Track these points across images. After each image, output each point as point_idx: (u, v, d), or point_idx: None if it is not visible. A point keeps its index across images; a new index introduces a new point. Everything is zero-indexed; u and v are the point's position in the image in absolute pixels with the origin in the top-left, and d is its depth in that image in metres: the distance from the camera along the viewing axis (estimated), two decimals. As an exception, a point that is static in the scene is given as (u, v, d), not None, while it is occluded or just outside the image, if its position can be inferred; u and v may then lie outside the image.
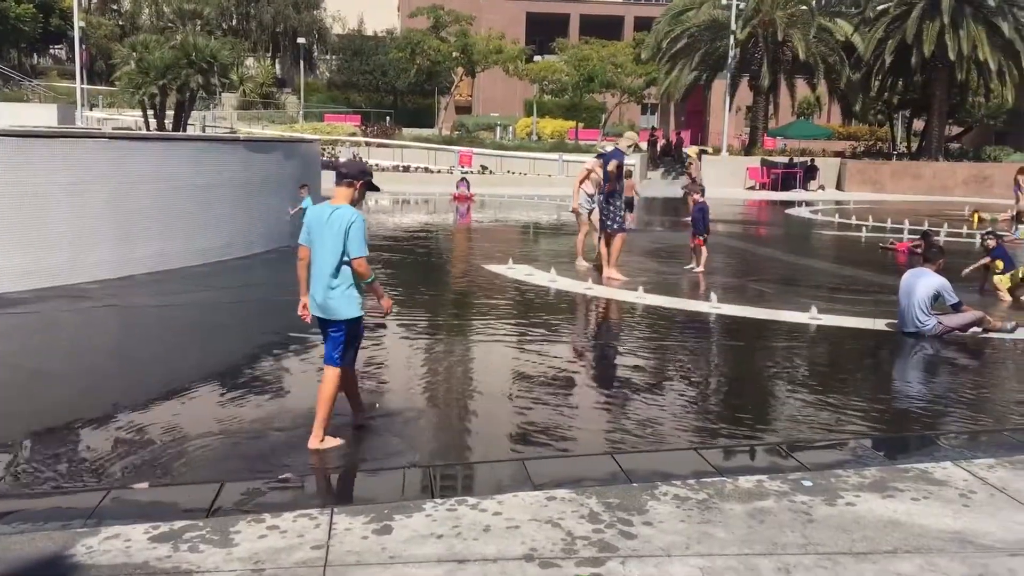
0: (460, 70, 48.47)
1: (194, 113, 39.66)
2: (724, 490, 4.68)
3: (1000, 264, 11.46)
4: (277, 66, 60.73)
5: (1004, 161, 39.53)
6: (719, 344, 8.97)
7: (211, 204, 12.77)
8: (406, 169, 35.89)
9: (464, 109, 60.48)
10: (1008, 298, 11.16)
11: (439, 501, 4.45)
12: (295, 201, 14.60)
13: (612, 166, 12.06)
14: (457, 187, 27.52)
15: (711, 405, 6.62)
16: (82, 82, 39.54)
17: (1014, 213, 20.52)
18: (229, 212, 13.20)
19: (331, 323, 5.29)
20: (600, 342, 9.06)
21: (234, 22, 58.00)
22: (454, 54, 46.46)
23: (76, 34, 38.20)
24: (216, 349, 8.27)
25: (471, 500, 4.47)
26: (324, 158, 31.53)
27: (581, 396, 6.67)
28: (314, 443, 5.26)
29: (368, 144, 39.24)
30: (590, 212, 13.07)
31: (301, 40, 53.27)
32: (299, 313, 5.43)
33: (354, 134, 41.19)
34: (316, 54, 60.54)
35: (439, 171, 35.56)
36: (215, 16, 55.72)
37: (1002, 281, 11.32)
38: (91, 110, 43.56)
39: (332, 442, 5.30)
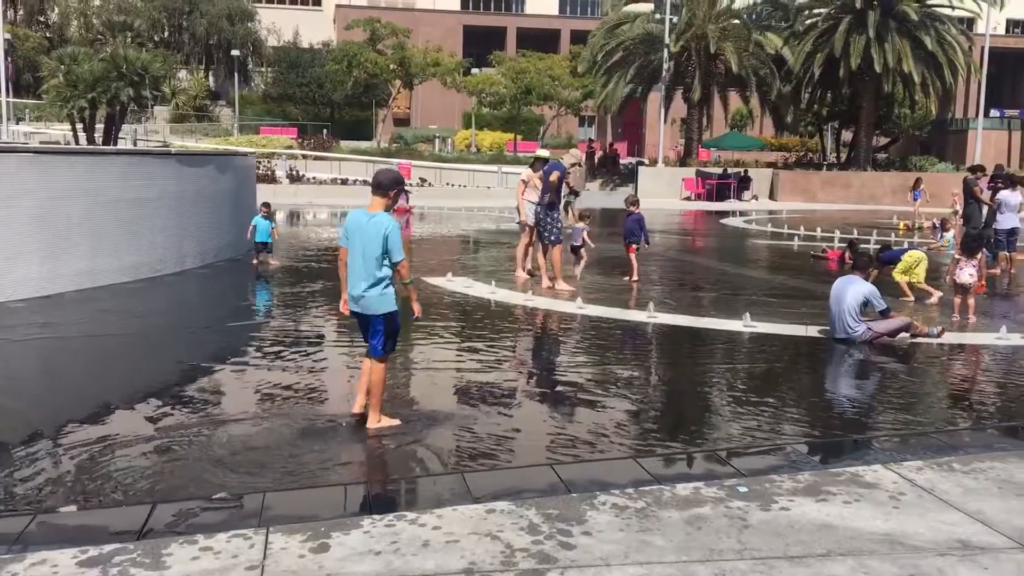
0: (398, 82, 48.38)
1: (125, 127, 38.89)
2: (662, 498, 4.71)
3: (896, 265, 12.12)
4: (211, 78, 59.83)
5: (929, 170, 40.76)
6: (656, 353, 9.06)
7: (142, 219, 12.51)
8: (344, 182, 35.65)
9: (402, 121, 60.36)
10: (909, 293, 11.76)
11: (377, 517, 4.40)
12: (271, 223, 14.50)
13: (554, 177, 12.12)
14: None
15: (649, 414, 6.68)
16: (7, 95, 38.45)
17: (939, 221, 21.14)
18: (161, 227, 12.94)
19: (370, 318, 5.82)
20: (539, 353, 9.08)
21: (166, 34, 57.01)
22: (391, 66, 46.38)
23: (0, 46, 37.15)
24: (143, 369, 8.08)
25: (410, 515, 4.43)
26: (260, 171, 31.16)
27: (521, 408, 6.67)
28: (372, 424, 5.89)
29: (305, 157, 38.91)
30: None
31: (235, 52, 52.59)
32: (341, 308, 5.99)
33: (291, 147, 40.78)
34: (251, 66, 59.79)
35: (377, 184, 35.32)
36: (146, 28, 54.73)
37: (899, 277, 11.92)
38: (17, 124, 42.41)
39: (388, 422, 5.93)
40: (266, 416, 6.24)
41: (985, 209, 16.12)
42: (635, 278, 13.05)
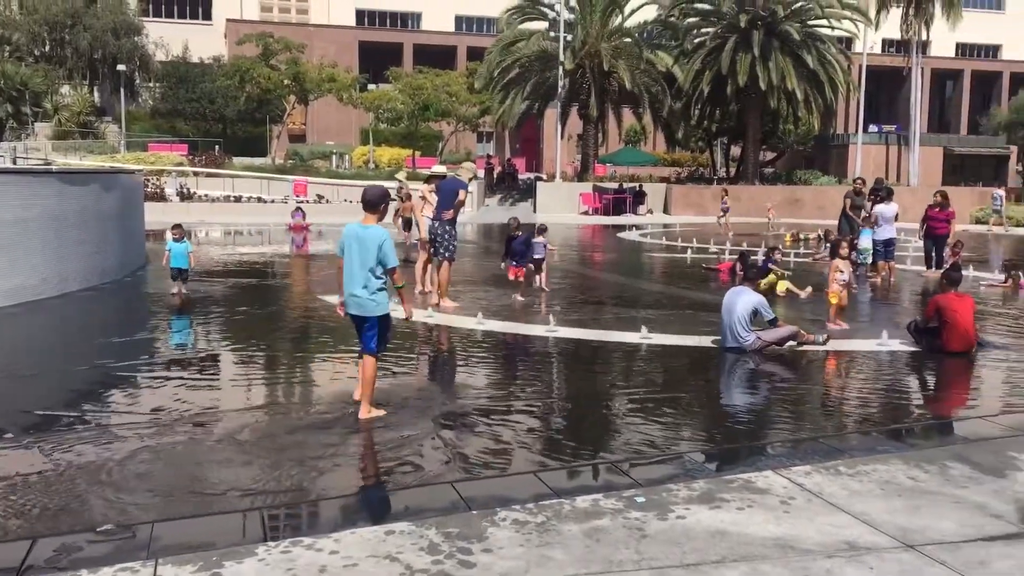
0: (292, 98, 47.62)
1: (4, 144, 37.13)
2: (562, 511, 4.74)
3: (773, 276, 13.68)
4: (96, 94, 57.61)
5: (813, 184, 42.47)
6: (556, 367, 9.13)
7: (21, 240, 11.95)
8: (238, 199, 34.84)
9: (298, 137, 59.41)
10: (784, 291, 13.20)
11: (272, 544, 4.29)
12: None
13: (462, 196, 12.08)
14: (292, 217, 26.98)
15: (550, 428, 6.71)
16: None
17: (823, 232, 22.01)
18: (41, 249, 12.38)
19: (365, 320, 6.56)
20: (438, 370, 9.04)
21: (47, 48, 54.58)
22: (285, 82, 45.64)
23: None
24: (23, 396, 7.70)
25: (307, 540, 4.33)
26: (148, 189, 30.19)
27: (421, 426, 6.62)
28: (364, 414, 6.51)
29: (196, 174, 37.88)
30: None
31: (122, 67, 50.79)
32: (336, 311, 6.77)
33: (181, 164, 39.63)
34: (139, 81, 57.79)
35: (273, 201, 34.72)
36: (26, 42, 52.36)
37: (779, 286, 13.52)
38: None
39: (377, 412, 6.60)
40: (157, 445, 6.01)
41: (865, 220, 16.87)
42: (519, 298, 13.04)
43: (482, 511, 4.74)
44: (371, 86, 52.87)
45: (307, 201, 33.83)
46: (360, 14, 68.00)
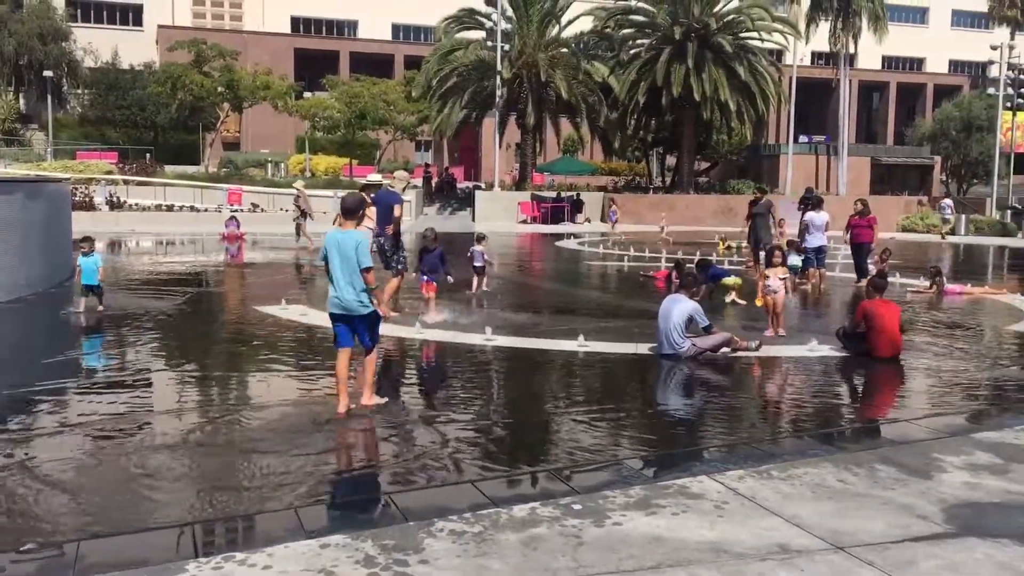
0: (226, 105, 46.93)
1: (-78, 151, 35.84)
2: (499, 521, 4.73)
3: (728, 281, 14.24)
4: (22, 101, 56.00)
5: (746, 193, 43.21)
6: (494, 376, 9.13)
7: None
8: (170, 208, 34.16)
9: (232, 145, 58.57)
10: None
11: (203, 560, 4.20)
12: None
13: (398, 211, 11.98)
14: (226, 226, 26.53)
15: (487, 437, 6.70)
16: None
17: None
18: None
19: (355, 318, 6.98)
20: (378, 380, 8.95)
21: (-31, 54, 52.97)
22: (219, 89, 44.97)
23: None
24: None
25: (239, 555, 4.25)
26: (77, 198, 29.43)
27: (356, 437, 6.56)
28: (366, 400, 7.11)
29: (127, 183, 37.03)
30: (371, 250, 12.90)
31: (48, 73, 49.45)
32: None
33: (110, 172, 38.72)
34: (66, 88, 56.31)
35: (206, 210, 34.13)
36: (-54, 48, 50.78)
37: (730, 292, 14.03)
38: None
39: (378, 400, 7.18)
40: (84, 462, 5.85)
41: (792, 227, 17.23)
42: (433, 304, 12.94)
43: (419, 522, 4.71)
44: (307, 94, 52.41)
45: (242, 210, 33.32)
46: (295, 21, 67.39)
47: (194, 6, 65.81)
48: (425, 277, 13.16)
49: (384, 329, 11.05)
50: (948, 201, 36.86)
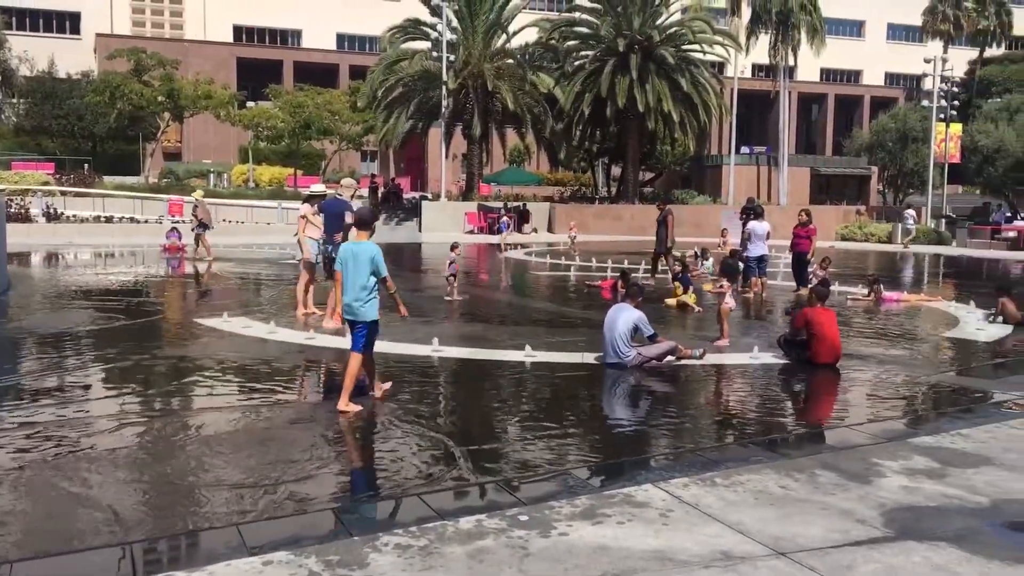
0: (167, 115, 46.22)
1: None
2: (445, 533, 4.71)
3: (679, 288, 14.92)
4: (-47, 110, 54.52)
5: (690, 203, 43.82)
6: (441, 387, 9.08)
7: None
8: (109, 220, 33.47)
9: (173, 155, 57.66)
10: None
11: (142, 580, 4.10)
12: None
13: (349, 218, 11.88)
14: (167, 237, 26.08)
15: (433, 449, 6.65)
16: None
17: (699, 249, 22.67)
18: None
19: (358, 324, 7.51)
20: (320, 392, 8.86)
21: (-102, 61, 51.37)
22: (159, 99, 44.29)
23: None
24: None
25: (179, 574, 4.16)
26: (12, 210, 28.69)
27: (300, 451, 6.46)
28: (342, 406, 7.40)
29: (64, 194, 36.23)
30: (317, 260, 12.78)
31: (-19, 81, 48.26)
32: (335, 319, 7.84)
33: (47, 183, 37.83)
34: (1, 97, 54.95)
35: (147, 221, 33.55)
36: None
37: (689, 298, 14.69)
38: None
39: (354, 407, 7.43)
40: (17, 482, 5.68)
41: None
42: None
43: (364, 536, 4.66)
44: (250, 103, 51.84)
45: (183, 221, 32.80)
46: (238, 30, 66.71)
47: (133, 14, 64.79)
48: None
49: (331, 341, 11.01)
50: (911, 211, 37.52)
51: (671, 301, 14.78)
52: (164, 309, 14.95)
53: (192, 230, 23.93)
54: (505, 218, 31.99)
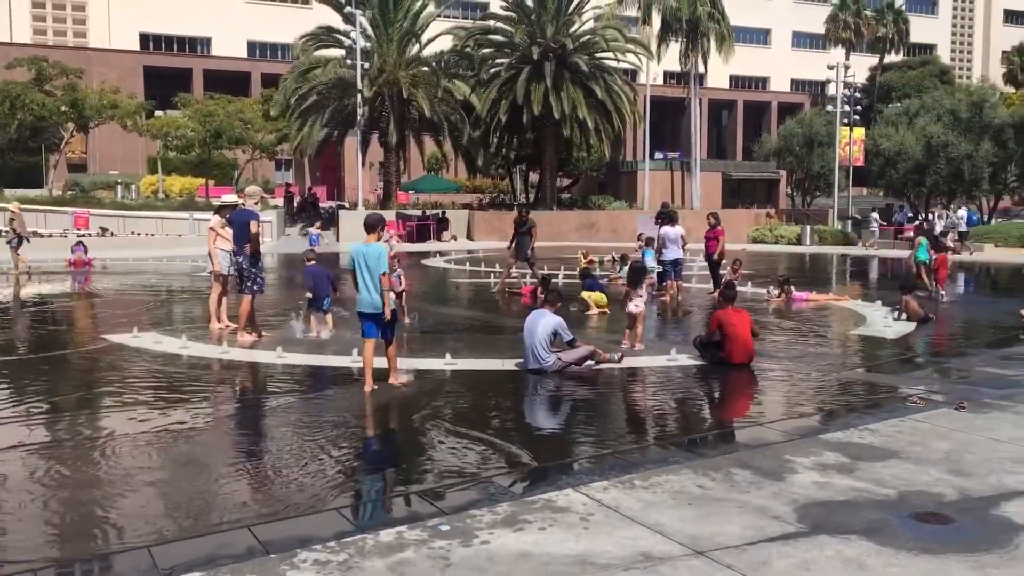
0: (71, 125, 44.69)
1: None
2: (365, 547, 4.64)
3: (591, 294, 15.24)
4: None
5: (607, 208, 44.37)
6: (360, 398, 8.95)
7: None
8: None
9: (79, 167, 55.86)
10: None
11: (46, 610, 3.93)
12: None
13: (255, 228, 11.67)
14: (73, 252, 25.18)
15: (353, 461, 6.56)
16: None
17: (618, 255, 22.96)
18: None
19: (378, 315, 8.57)
20: (232, 408, 8.66)
21: None
22: (62, 108, 42.80)
23: None
24: None
25: (86, 602, 4.00)
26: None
27: (214, 469, 6.29)
28: (394, 381, 8.86)
29: (-40, 208, 34.67)
30: (229, 273, 12.48)
31: None
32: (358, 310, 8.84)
33: (-58, 197, 36.18)
34: None
35: (51, 235, 32.34)
36: None
37: (592, 299, 15.01)
38: None
39: (406, 377, 9.02)
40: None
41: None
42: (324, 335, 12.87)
43: (281, 554, 4.56)
44: (158, 113, 50.52)
45: (89, 234, 31.76)
46: (144, 38, 65.03)
47: (34, 22, 62.63)
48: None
49: (243, 354, 10.78)
50: (875, 215, 38.32)
51: (593, 306, 14.93)
52: (70, 325, 14.43)
53: (8, 243, 22.95)
54: (313, 230, 31.31)
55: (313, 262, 13.15)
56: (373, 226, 8.84)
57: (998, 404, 8.02)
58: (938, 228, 31.72)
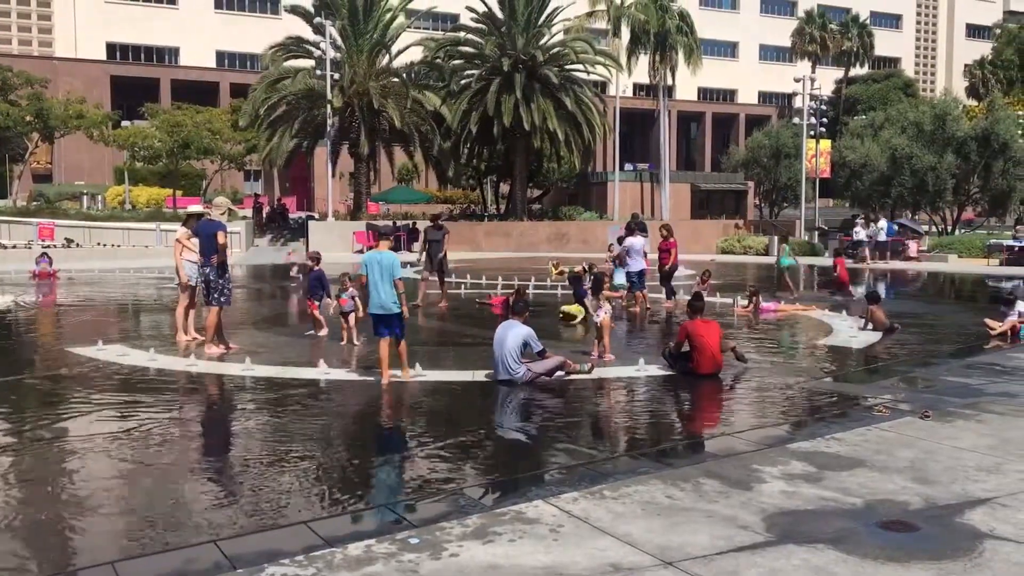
0: (35, 136, 44.15)
1: None
2: (333, 561, 4.60)
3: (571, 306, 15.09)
4: None
5: (577, 219, 44.51)
6: (327, 410, 8.89)
7: None
8: (-27, 246, 31.69)
9: (44, 177, 55.19)
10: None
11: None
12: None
13: (222, 238, 11.59)
14: (37, 263, 24.84)
15: (321, 474, 6.50)
16: None
17: (587, 265, 23.03)
18: None
19: (390, 316, 9.51)
20: (199, 420, 8.56)
21: None
22: (27, 118, 42.27)
23: None
24: None
25: (48, 620, 3.93)
26: None
27: (180, 482, 6.22)
28: (406, 376, 9.63)
29: (-77, 219, 34.16)
30: (196, 284, 12.37)
31: None
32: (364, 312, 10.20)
33: (-97, 208, 35.58)
34: None
35: (15, 246, 31.90)
36: None
37: (571, 309, 14.98)
38: None
39: (418, 371, 9.80)
40: None
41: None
42: (322, 333, 12.99)
43: (248, 568, 4.51)
44: (125, 123, 50.05)
45: (55, 246, 31.35)
46: (111, 47, 64.43)
47: (-2, 30, 61.76)
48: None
49: (211, 366, 10.68)
50: (861, 222, 37.98)
51: (572, 315, 14.90)
52: (34, 338, 14.22)
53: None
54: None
55: (319, 267, 13.66)
56: (385, 235, 10.36)
57: (962, 413, 8.14)
58: (862, 236, 33.79)
